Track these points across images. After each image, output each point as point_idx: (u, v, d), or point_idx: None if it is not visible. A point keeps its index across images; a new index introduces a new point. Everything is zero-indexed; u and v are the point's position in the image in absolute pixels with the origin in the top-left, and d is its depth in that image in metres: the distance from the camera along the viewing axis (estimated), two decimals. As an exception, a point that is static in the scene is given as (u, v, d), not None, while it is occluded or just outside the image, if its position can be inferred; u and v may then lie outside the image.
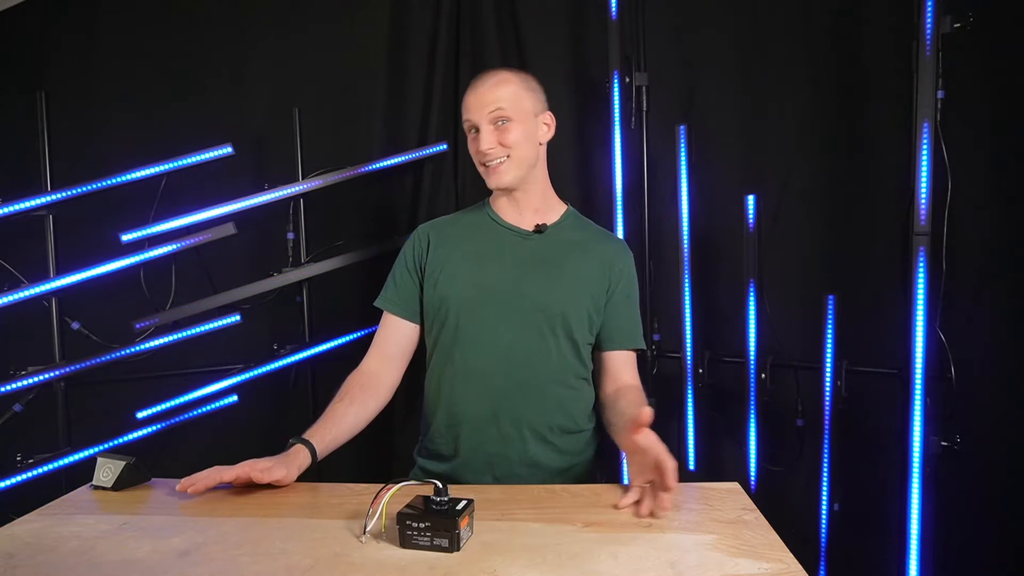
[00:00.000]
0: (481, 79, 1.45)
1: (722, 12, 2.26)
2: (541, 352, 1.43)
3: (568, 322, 1.44)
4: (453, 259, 1.47)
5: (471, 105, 1.43)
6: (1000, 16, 1.82)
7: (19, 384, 2.03)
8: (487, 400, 1.42)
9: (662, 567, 0.92)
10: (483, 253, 1.48)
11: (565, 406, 1.46)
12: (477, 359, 1.43)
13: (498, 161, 1.42)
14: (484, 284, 1.44)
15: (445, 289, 1.45)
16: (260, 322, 2.39)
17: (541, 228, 1.49)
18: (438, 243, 1.51)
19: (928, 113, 1.73)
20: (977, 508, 1.91)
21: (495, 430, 1.42)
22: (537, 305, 1.42)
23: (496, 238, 1.50)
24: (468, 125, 1.45)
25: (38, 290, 2.07)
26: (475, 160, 1.47)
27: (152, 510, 1.15)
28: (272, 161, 2.41)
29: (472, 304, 1.43)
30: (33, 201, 2.07)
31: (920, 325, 1.77)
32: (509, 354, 1.42)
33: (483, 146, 1.41)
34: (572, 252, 1.48)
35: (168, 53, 2.40)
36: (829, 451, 1.99)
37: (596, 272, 1.48)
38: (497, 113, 1.40)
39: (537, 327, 1.42)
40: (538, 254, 1.47)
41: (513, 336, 1.42)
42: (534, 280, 1.44)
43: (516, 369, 1.42)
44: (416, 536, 0.96)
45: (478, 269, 1.46)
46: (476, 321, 1.43)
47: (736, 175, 2.24)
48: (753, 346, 2.10)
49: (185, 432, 2.28)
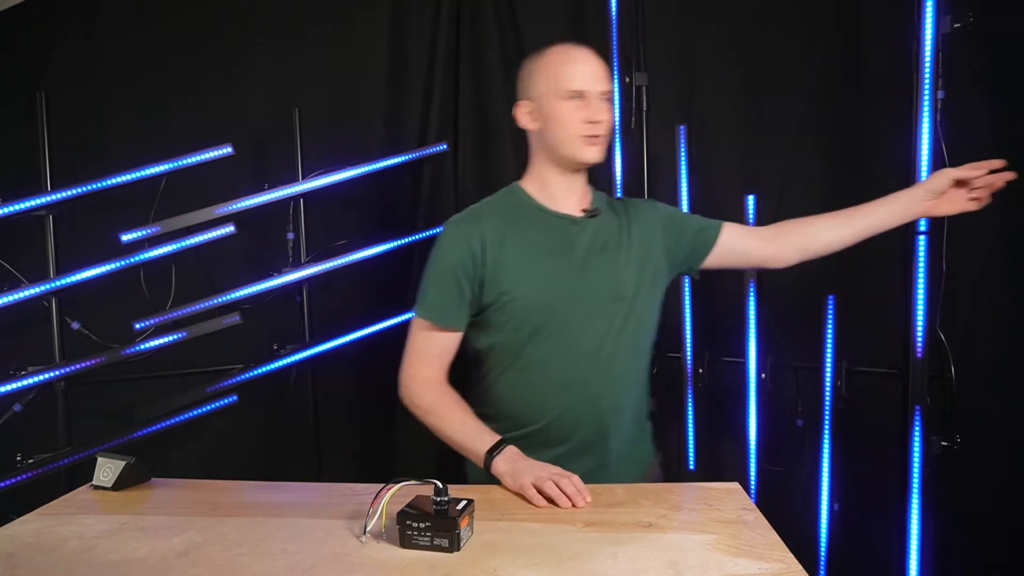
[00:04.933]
0: (577, 48, 1.38)
1: (722, 12, 2.26)
2: (621, 341, 1.38)
3: (639, 303, 1.40)
4: (515, 258, 1.36)
5: (585, 73, 1.35)
6: (1000, 16, 1.82)
7: (19, 384, 2.03)
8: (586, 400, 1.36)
9: (662, 567, 0.92)
10: (543, 247, 1.39)
11: (644, 387, 1.46)
12: (567, 362, 1.36)
13: (602, 135, 1.37)
14: (554, 281, 1.36)
15: (514, 292, 1.35)
16: (260, 322, 2.39)
17: (593, 212, 1.42)
18: (493, 241, 1.37)
19: (928, 113, 1.73)
20: (977, 508, 1.91)
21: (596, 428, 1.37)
22: (609, 294, 1.38)
23: (551, 229, 1.40)
24: (572, 92, 1.34)
25: (38, 290, 2.07)
26: (569, 129, 1.35)
27: (152, 510, 1.15)
28: (272, 161, 2.41)
29: (547, 305, 1.36)
30: (33, 201, 2.06)
31: (920, 325, 1.77)
32: (595, 350, 1.36)
33: (601, 115, 1.35)
34: (619, 231, 1.43)
35: (168, 53, 2.40)
36: (829, 451, 1.99)
37: (646, 240, 1.44)
38: (607, 89, 1.37)
39: (613, 316, 1.38)
40: (593, 239, 1.40)
41: (595, 331, 1.37)
42: (599, 268, 1.39)
43: (604, 364, 1.37)
44: (416, 536, 0.96)
45: (543, 266, 1.37)
46: (556, 322, 1.35)
47: (736, 175, 2.24)
48: (753, 346, 2.10)
49: (185, 432, 2.28)
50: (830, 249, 1.50)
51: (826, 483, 2.01)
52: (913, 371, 1.78)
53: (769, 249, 1.51)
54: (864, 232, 1.48)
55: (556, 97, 1.35)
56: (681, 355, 2.23)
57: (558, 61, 1.37)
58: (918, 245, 1.76)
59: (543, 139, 1.40)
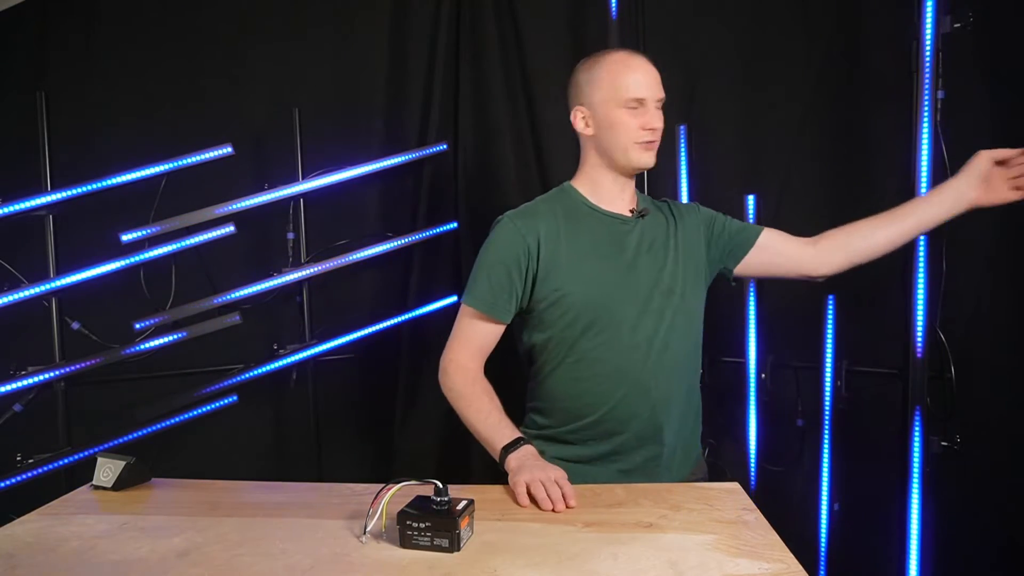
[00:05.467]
0: (637, 56, 1.45)
1: (722, 12, 2.26)
2: (672, 335, 1.42)
3: (687, 298, 1.45)
4: (567, 255, 1.41)
5: (643, 81, 1.41)
6: (1000, 16, 1.82)
7: (19, 384, 2.03)
8: (639, 394, 1.39)
9: (662, 567, 0.92)
10: (595, 245, 1.43)
11: (695, 379, 1.51)
12: (619, 355, 1.39)
13: (656, 141, 1.43)
14: (605, 278, 1.41)
15: (566, 288, 1.40)
16: (260, 322, 2.39)
17: (643, 212, 1.48)
18: (548, 238, 1.42)
19: (928, 113, 1.73)
20: (977, 508, 1.91)
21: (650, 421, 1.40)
22: (659, 289, 1.42)
23: (602, 227, 1.45)
24: (629, 97, 1.39)
25: (38, 290, 2.07)
26: (626, 136, 1.41)
27: (152, 510, 1.15)
28: (272, 161, 2.41)
29: (599, 301, 1.40)
30: (33, 201, 2.06)
31: (920, 325, 1.77)
32: (645, 344, 1.40)
33: (658, 123, 1.41)
34: (665, 230, 1.49)
35: (168, 53, 2.40)
36: (829, 451, 1.99)
37: (692, 239, 1.50)
38: (663, 97, 1.43)
39: (664, 311, 1.42)
40: (642, 238, 1.46)
41: (646, 326, 1.40)
42: (648, 265, 1.43)
43: (656, 357, 1.40)
44: (416, 536, 0.96)
45: (595, 263, 1.42)
46: (608, 317, 1.40)
47: (736, 175, 2.24)
48: (753, 346, 2.10)
49: (185, 432, 2.28)
50: (881, 251, 1.48)
51: (826, 483, 2.01)
52: (913, 371, 1.78)
53: (813, 253, 1.51)
54: (915, 229, 1.49)
55: (615, 104, 1.41)
56: (681, 355, 2.23)
57: (618, 70, 1.42)
58: (918, 245, 1.77)
59: (598, 144, 1.46)
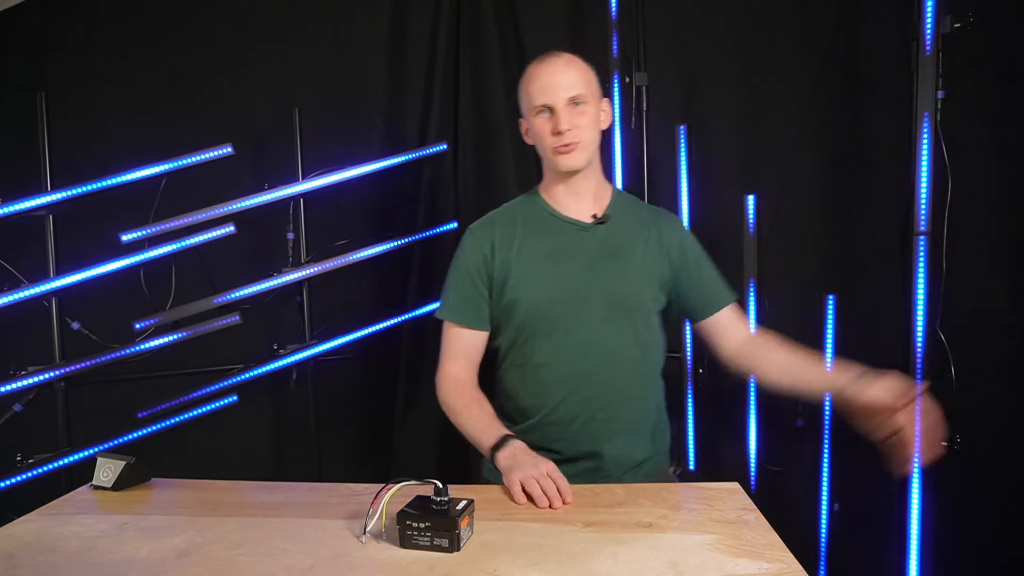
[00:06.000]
0: (548, 60, 1.40)
1: (722, 12, 2.26)
2: (621, 347, 1.41)
3: (645, 312, 1.44)
4: (521, 261, 1.43)
5: (546, 86, 1.38)
6: (1000, 16, 1.82)
7: (19, 384, 2.03)
8: (577, 402, 1.40)
9: (662, 567, 0.92)
10: (549, 252, 1.43)
11: (649, 396, 1.48)
12: (561, 363, 1.40)
13: (573, 143, 1.38)
14: (556, 286, 1.41)
15: (517, 294, 1.41)
16: (260, 322, 2.39)
17: (603, 219, 1.45)
18: (501, 244, 1.45)
19: (928, 113, 1.73)
20: (977, 508, 1.91)
21: (586, 429, 1.41)
22: (610, 300, 1.40)
23: (559, 234, 1.45)
24: (538, 107, 1.38)
25: (38, 290, 2.07)
26: (543, 143, 1.41)
27: (152, 510, 1.15)
28: (272, 161, 2.41)
29: (548, 308, 1.40)
30: (33, 201, 2.06)
31: (920, 325, 1.77)
32: (592, 354, 1.40)
33: (563, 126, 1.36)
34: (631, 238, 1.46)
35: (168, 53, 2.40)
36: (829, 451, 1.99)
37: (657, 254, 1.46)
38: (575, 94, 1.37)
39: (614, 322, 1.41)
40: (602, 246, 1.44)
41: (593, 335, 1.40)
42: (603, 274, 1.42)
43: (600, 368, 1.40)
44: (416, 536, 0.96)
45: (547, 270, 1.42)
46: (555, 325, 1.40)
47: (736, 175, 2.24)
48: (753, 346, 2.10)
49: (185, 432, 2.28)
50: (774, 389, 1.45)
51: (826, 483, 2.01)
52: (913, 371, 1.78)
53: (737, 352, 1.48)
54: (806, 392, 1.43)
55: (532, 114, 1.41)
56: (681, 355, 2.23)
57: (527, 80, 1.42)
58: (918, 245, 1.76)
59: (538, 152, 1.47)
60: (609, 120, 1.48)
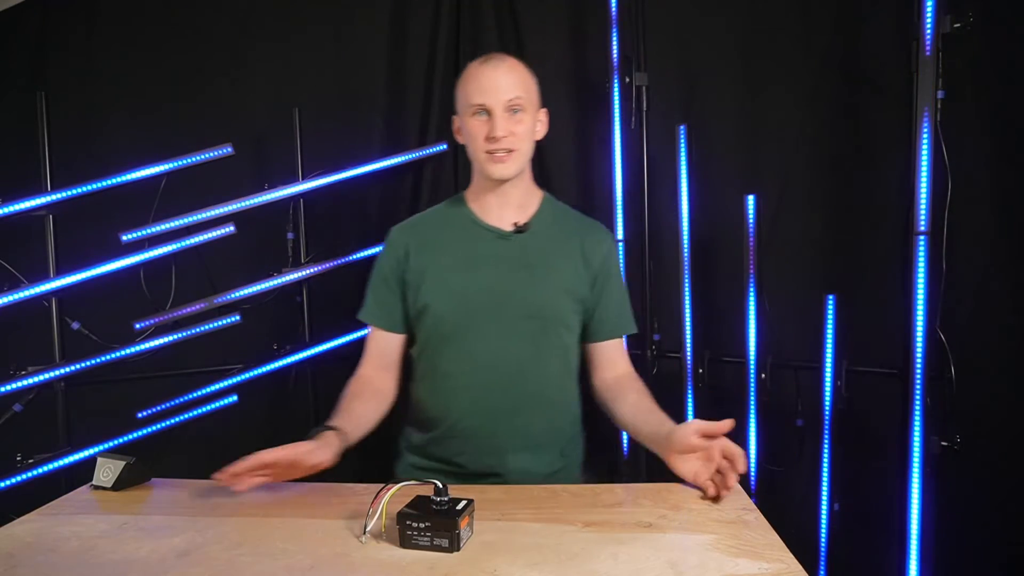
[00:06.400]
0: (491, 62, 1.36)
1: (722, 12, 2.26)
2: (533, 360, 1.38)
3: (558, 325, 1.40)
4: (434, 267, 1.40)
5: (486, 87, 1.33)
6: (1000, 16, 1.82)
7: (19, 384, 2.03)
8: (481, 413, 1.38)
9: (662, 567, 0.92)
10: (465, 259, 1.40)
11: (557, 409, 1.43)
12: (469, 372, 1.38)
13: (507, 151, 1.34)
14: (469, 293, 1.38)
15: (428, 300, 1.39)
16: (260, 322, 2.39)
17: (522, 228, 1.41)
18: (416, 249, 1.42)
19: (928, 113, 1.73)
20: (977, 508, 1.91)
21: (490, 443, 1.38)
22: (525, 311, 1.37)
23: (477, 241, 1.42)
24: (476, 107, 1.34)
25: (38, 290, 2.07)
26: (475, 145, 1.36)
27: (152, 510, 1.15)
28: (272, 161, 2.41)
29: (459, 316, 1.38)
30: (33, 201, 2.07)
31: (920, 325, 1.77)
32: (502, 366, 1.37)
33: (499, 132, 1.31)
34: (553, 249, 1.42)
35: (168, 53, 2.40)
36: (829, 451, 1.99)
37: (579, 267, 1.42)
38: (515, 101, 1.33)
39: (527, 334, 1.37)
40: (520, 256, 1.40)
41: (504, 347, 1.37)
42: (519, 284, 1.38)
43: (510, 381, 1.37)
44: (416, 536, 0.96)
45: (461, 277, 1.39)
46: (464, 333, 1.38)
47: (736, 175, 2.24)
48: (753, 346, 2.10)
49: (185, 432, 2.28)
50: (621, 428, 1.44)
51: (826, 483, 2.01)
52: (913, 371, 1.78)
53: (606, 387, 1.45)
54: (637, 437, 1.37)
55: (467, 114, 1.37)
56: (681, 355, 2.23)
57: (466, 77, 1.38)
58: (918, 245, 1.77)
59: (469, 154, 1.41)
60: (544, 131, 1.44)
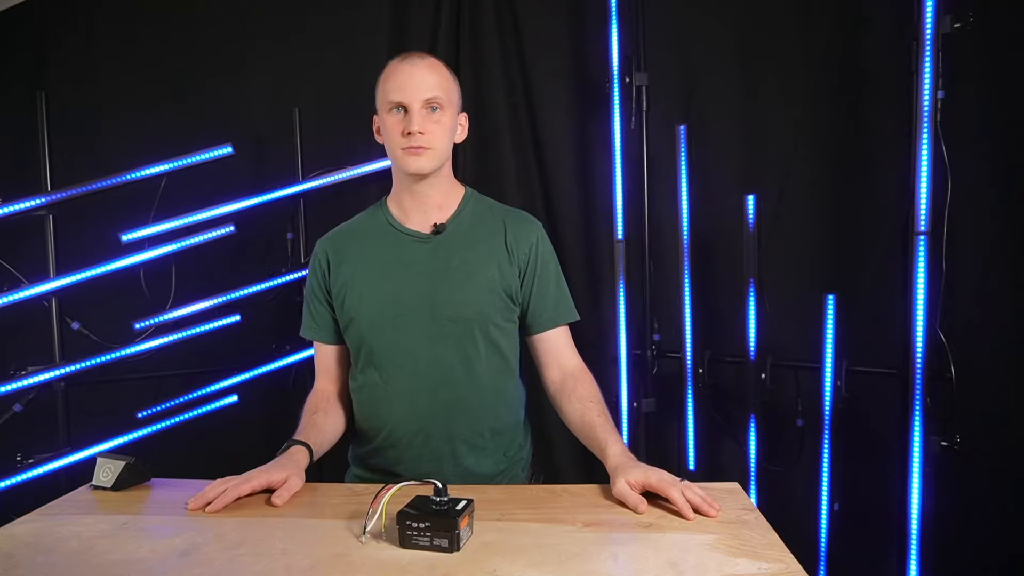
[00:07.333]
0: (410, 60, 1.34)
1: (722, 12, 2.26)
2: (463, 363, 1.36)
3: (486, 325, 1.37)
4: (356, 276, 1.39)
5: (403, 85, 1.32)
6: (1000, 16, 1.82)
7: (19, 384, 2.03)
8: (414, 420, 1.36)
9: (662, 567, 0.92)
10: (386, 265, 1.38)
11: (494, 410, 1.41)
12: (398, 380, 1.36)
13: (423, 147, 1.32)
14: (392, 300, 1.36)
15: (353, 310, 1.38)
16: (260, 322, 2.39)
17: (440, 228, 1.38)
18: (337, 260, 1.41)
19: (928, 113, 1.73)
20: (977, 508, 1.91)
21: (426, 449, 1.37)
22: (451, 314, 1.35)
23: (396, 246, 1.39)
24: (392, 104, 1.32)
25: (38, 290, 2.07)
26: (392, 142, 1.34)
27: (152, 510, 1.15)
28: (272, 161, 2.41)
29: (383, 323, 1.36)
30: (33, 201, 2.07)
31: (920, 325, 1.77)
32: (430, 371, 1.35)
33: (414, 127, 1.30)
34: (475, 247, 1.39)
35: (168, 53, 2.40)
36: (829, 451, 1.99)
37: (503, 262, 1.39)
38: (433, 99, 1.32)
39: (455, 338, 1.35)
40: (442, 257, 1.37)
41: (432, 352, 1.35)
42: (440, 287, 1.35)
43: (440, 386, 1.36)
44: (416, 536, 0.96)
45: (383, 284, 1.37)
46: (390, 341, 1.36)
47: (736, 175, 2.24)
48: (753, 346, 2.10)
49: (185, 432, 2.28)
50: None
51: (826, 483, 2.01)
52: (913, 371, 1.78)
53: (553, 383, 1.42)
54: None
55: (384, 110, 1.36)
56: (681, 355, 2.23)
57: (385, 75, 1.37)
58: (918, 245, 1.77)
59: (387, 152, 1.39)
60: (464, 134, 1.43)
